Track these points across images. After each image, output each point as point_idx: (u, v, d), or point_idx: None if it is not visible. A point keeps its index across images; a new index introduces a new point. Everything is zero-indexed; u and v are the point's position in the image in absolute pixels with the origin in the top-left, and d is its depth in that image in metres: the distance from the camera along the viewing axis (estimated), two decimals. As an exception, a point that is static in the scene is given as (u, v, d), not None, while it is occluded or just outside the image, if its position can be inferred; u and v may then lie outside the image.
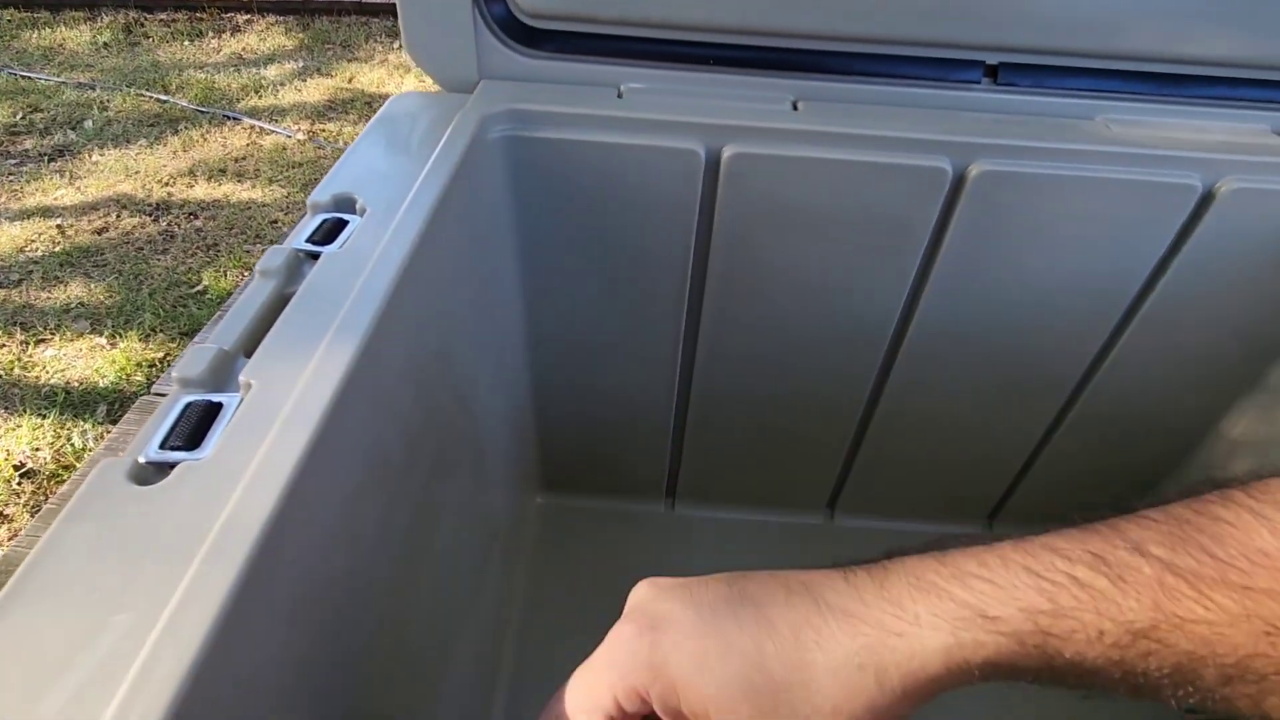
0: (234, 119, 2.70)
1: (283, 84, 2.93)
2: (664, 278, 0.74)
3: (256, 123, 2.67)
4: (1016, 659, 0.27)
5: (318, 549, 0.36)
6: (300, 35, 3.26)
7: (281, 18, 3.33)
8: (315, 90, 2.90)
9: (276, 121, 2.69)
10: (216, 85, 2.90)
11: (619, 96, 0.67)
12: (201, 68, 3.01)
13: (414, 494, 0.50)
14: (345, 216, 0.51)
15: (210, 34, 3.26)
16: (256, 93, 2.88)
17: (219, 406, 0.38)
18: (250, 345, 0.41)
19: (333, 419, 0.37)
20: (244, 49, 3.16)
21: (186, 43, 3.19)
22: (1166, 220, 0.66)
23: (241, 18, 3.34)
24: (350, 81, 2.96)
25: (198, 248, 2.11)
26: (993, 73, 0.67)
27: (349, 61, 3.10)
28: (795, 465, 0.94)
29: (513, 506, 0.91)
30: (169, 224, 2.22)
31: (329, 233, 0.49)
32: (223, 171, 2.43)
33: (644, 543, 0.97)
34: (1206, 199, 0.64)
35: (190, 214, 2.26)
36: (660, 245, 0.71)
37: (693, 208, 0.67)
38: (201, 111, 2.71)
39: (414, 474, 0.50)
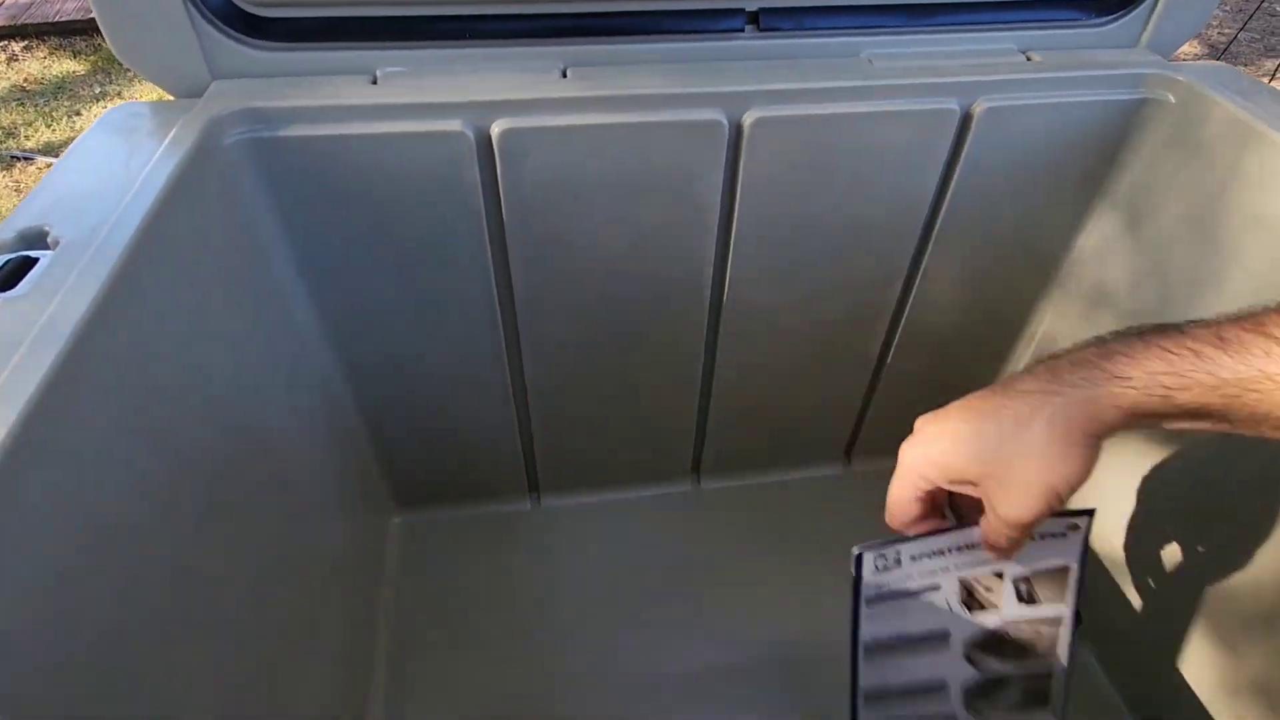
0: (25, 159, 2.40)
1: (79, 113, 2.63)
2: (465, 268, 0.70)
3: (54, 160, 2.39)
4: (1199, 409, 0.36)
5: (25, 635, 0.31)
6: (91, 58, 2.94)
7: (65, 40, 2.98)
8: (118, 116, 2.62)
9: (76, 156, 2.42)
10: (-2, 124, 2.57)
11: (374, 83, 0.62)
12: (-24, 106, 2.66)
13: (172, 556, 0.45)
14: (34, 254, 0.44)
15: (-17, 67, 2.88)
16: (49, 126, 2.58)
17: None
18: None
19: (6, 491, 0.31)
20: (25, 79, 2.81)
21: (-47, 80, 2.81)
22: (935, 145, 0.68)
23: (17, 45, 2.96)
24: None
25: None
26: (755, 19, 0.67)
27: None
28: (650, 437, 0.93)
29: (360, 532, 0.85)
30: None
31: (11, 276, 0.42)
32: (17, 219, 2.16)
33: (514, 542, 0.94)
34: (966, 121, 0.67)
35: (-17, 272, 2.00)
36: (450, 235, 0.67)
37: (475, 191, 0.64)
38: (-17, 155, 2.40)
39: (166, 533, 0.44)
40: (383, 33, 0.63)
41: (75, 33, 3.04)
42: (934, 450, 0.43)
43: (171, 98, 0.62)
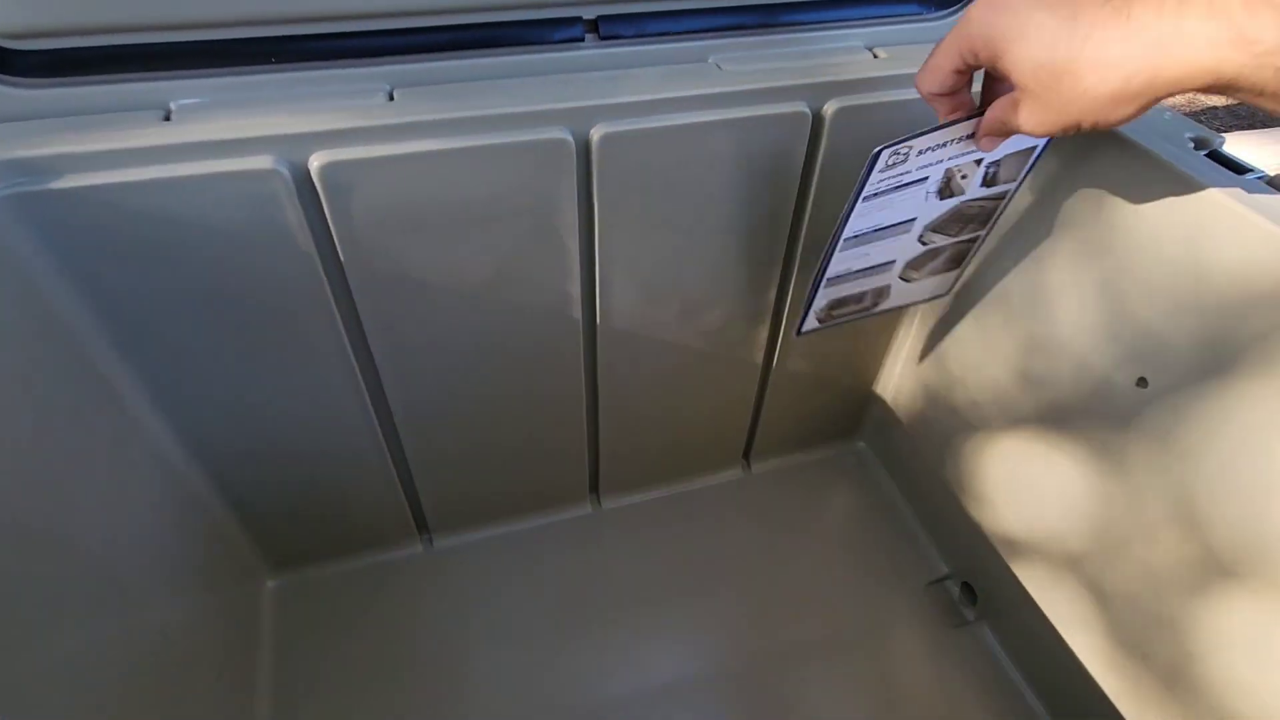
0: None
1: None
2: (306, 319, 0.63)
3: None
4: (1248, 79, 0.34)
5: None
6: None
7: None
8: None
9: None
10: None
11: (167, 118, 0.55)
12: None
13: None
14: None
15: None
16: None
17: None
18: None
19: None
20: None
21: None
22: (792, 149, 0.67)
23: None
24: None
25: None
26: (595, 28, 0.63)
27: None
28: (542, 464, 0.89)
29: (227, 604, 0.77)
30: None
31: None
32: None
33: (406, 588, 0.88)
34: (818, 122, 0.66)
35: None
36: (283, 285, 0.60)
37: (302, 234, 0.58)
38: None
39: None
40: (174, 61, 0.56)
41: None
42: (1001, 28, 0.40)
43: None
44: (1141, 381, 0.61)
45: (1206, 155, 0.57)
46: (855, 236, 0.60)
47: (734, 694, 0.81)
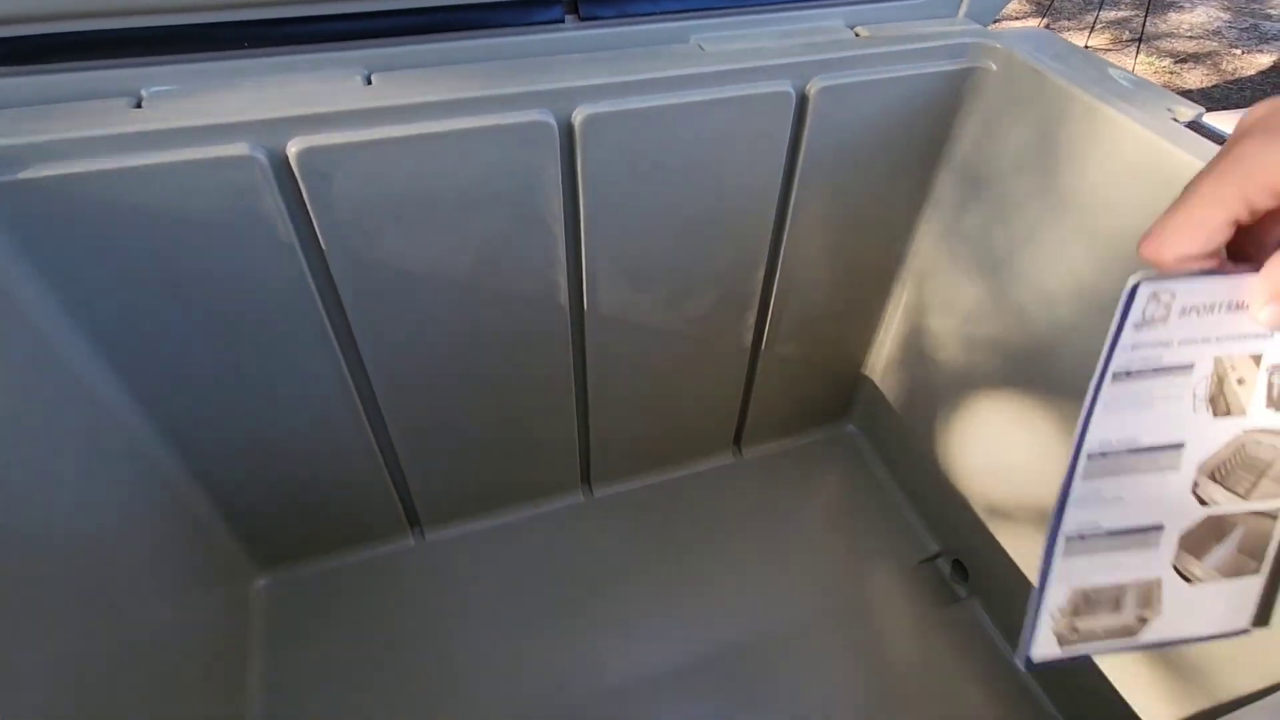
0: None
1: None
2: (289, 309, 0.62)
3: None
4: None
5: None
6: None
7: None
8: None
9: None
10: None
11: (138, 105, 0.53)
12: None
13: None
14: None
15: None
16: None
17: None
18: None
19: None
20: None
21: None
22: (776, 129, 0.66)
23: None
24: None
25: None
26: (575, 8, 0.63)
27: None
28: (532, 454, 0.89)
29: (216, 605, 0.76)
30: None
31: None
32: None
33: (397, 586, 0.88)
34: (803, 102, 0.65)
35: None
36: (262, 274, 0.59)
37: (280, 222, 0.56)
38: None
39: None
40: (144, 46, 0.55)
41: None
42: None
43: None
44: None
45: (1186, 125, 0.57)
46: (1103, 456, 0.39)
47: (727, 676, 0.82)
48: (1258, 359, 0.36)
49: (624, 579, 0.89)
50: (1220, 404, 0.38)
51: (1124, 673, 0.68)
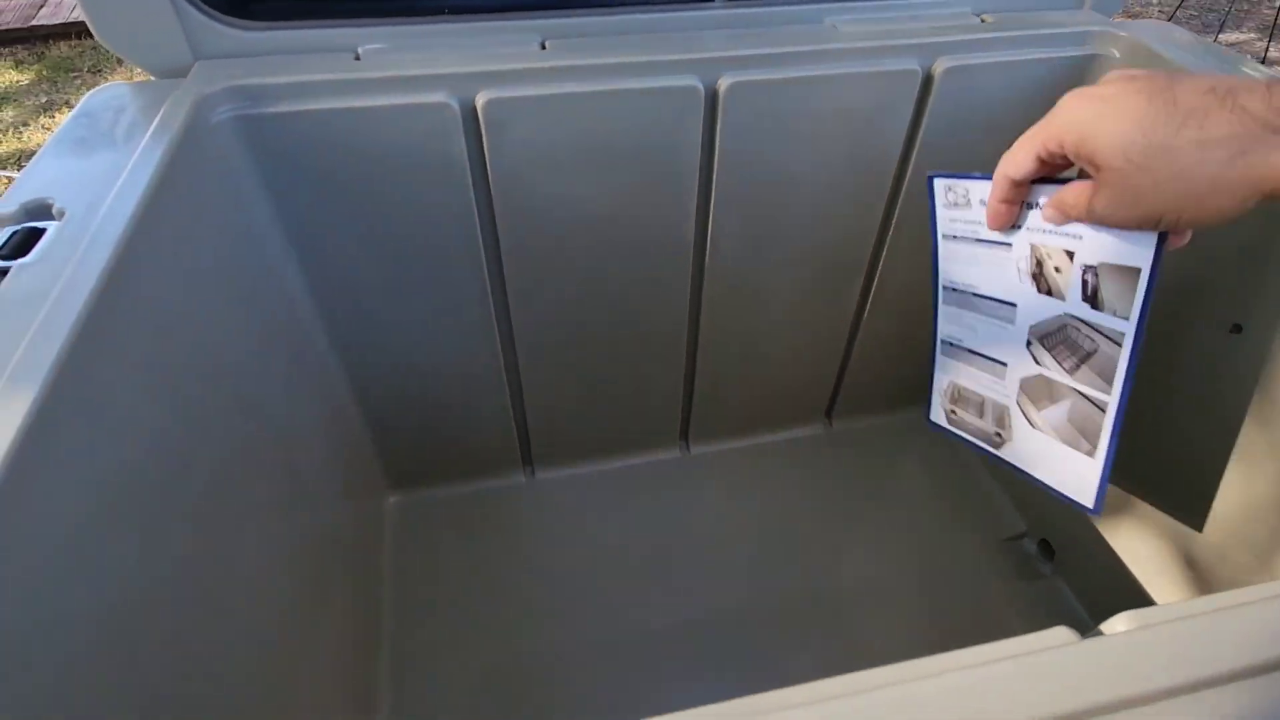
0: (-28, 171, 2.32)
1: (25, 124, 2.56)
2: (454, 240, 0.71)
3: (2, 173, 2.32)
4: None
5: (37, 588, 0.32)
6: (36, 66, 2.85)
7: (7, 50, 2.89)
8: (68, 125, 2.55)
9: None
10: (-60, 137, 2.48)
11: (356, 59, 0.63)
12: (-84, 119, 2.57)
13: (190, 513, 0.46)
14: (40, 225, 0.45)
15: (-81, 79, 2.78)
16: (-6, 138, 2.49)
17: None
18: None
19: (31, 447, 0.32)
20: (-33, 90, 2.72)
21: (-110, 94, 2.70)
22: (899, 105, 0.71)
23: (-44, 56, 2.86)
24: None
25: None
26: (724, -12, 0.70)
27: (103, 88, 2.75)
28: (639, 406, 0.96)
29: (358, 512, 0.86)
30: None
31: (21, 245, 0.43)
32: (-32, 233, 2.09)
33: (508, 517, 0.96)
34: (928, 81, 0.70)
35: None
36: (439, 206, 0.68)
37: (461, 161, 0.65)
38: (-73, 170, 2.32)
39: (184, 492, 0.45)
40: (363, 9, 0.65)
41: (16, 41, 2.95)
42: (1092, 113, 0.37)
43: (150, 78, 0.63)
44: (1236, 328, 0.63)
45: None
46: (955, 290, 0.54)
47: (806, 627, 0.86)
48: (1071, 255, 0.45)
49: (715, 531, 0.95)
50: (1042, 282, 0.48)
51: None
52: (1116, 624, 0.31)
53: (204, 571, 0.47)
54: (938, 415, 0.61)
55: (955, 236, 0.52)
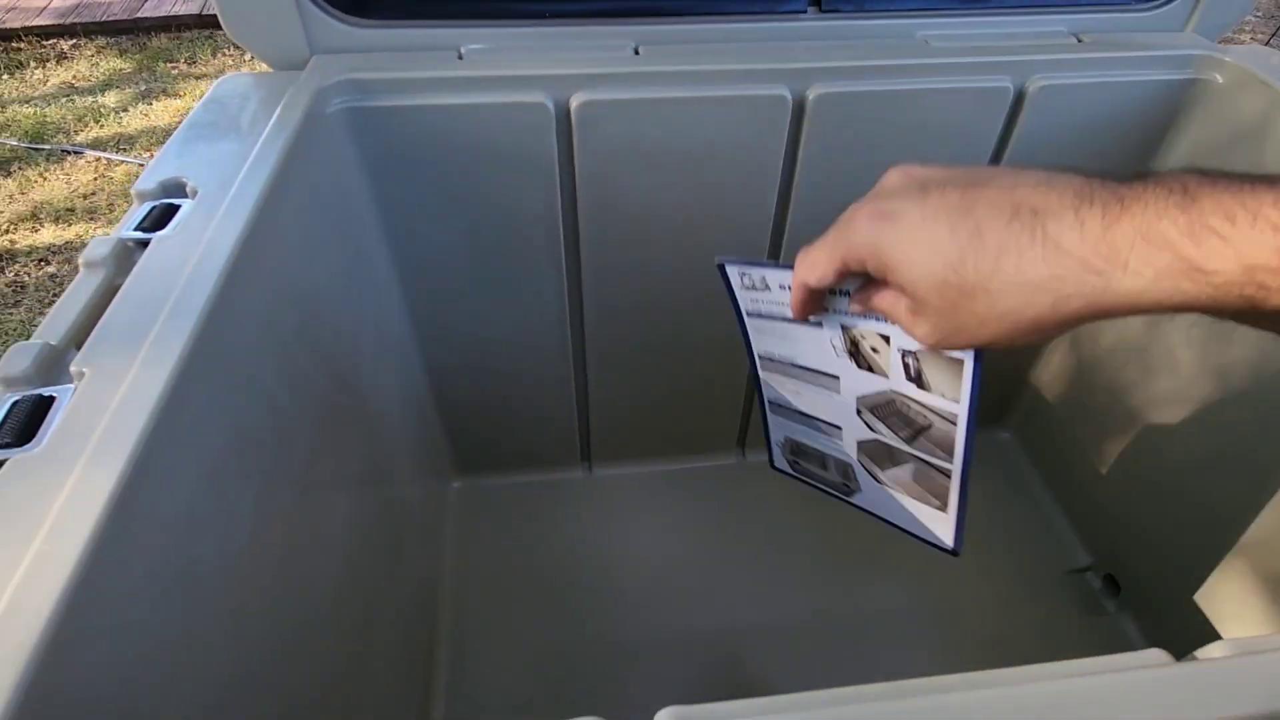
0: (75, 153, 2.48)
1: (125, 109, 2.72)
2: (537, 235, 0.74)
3: (102, 154, 2.47)
4: (1217, 305, 0.29)
5: (176, 527, 0.35)
6: (137, 56, 3.03)
7: (112, 39, 3.08)
8: (164, 113, 2.70)
9: (125, 151, 2.50)
10: (49, 119, 2.66)
11: (459, 58, 0.66)
12: (28, 101, 2.76)
13: (294, 474, 0.49)
14: (176, 201, 0.48)
15: (32, 64, 2.98)
16: (97, 122, 2.66)
17: (51, 400, 0.36)
18: (80, 337, 0.39)
19: (174, 400, 0.35)
20: (74, 77, 2.91)
21: (5, 76, 2.91)
22: (989, 121, 0.71)
23: (65, 44, 3.06)
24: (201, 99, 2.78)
25: (55, 296, 1.94)
26: (817, 2, 0.70)
27: (196, 79, 2.90)
28: (700, 410, 0.97)
29: (425, 493, 0.89)
30: (16, 274, 2.03)
31: (159, 219, 0.47)
32: (71, 211, 2.24)
33: (565, 510, 0.98)
34: (1020, 98, 0.70)
35: (40, 260, 2.07)
36: (525, 203, 0.71)
37: (551, 160, 0.68)
38: (35, 149, 2.48)
39: (290, 453, 0.49)
40: (467, 11, 0.68)
41: (121, 32, 3.14)
42: (891, 241, 0.34)
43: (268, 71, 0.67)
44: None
45: None
46: (770, 359, 0.50)
47: (854, 646, 0.85)
48: (886, 339, 0.41)
49: (767, 539, 0.95)
50: (861, 360, 0.44)
51: None
52: (1213, 650, 0.31)
53: (300, 529, 0.50)
54: (781, 464, 0.58)
55: (760, 315, 0.48)
